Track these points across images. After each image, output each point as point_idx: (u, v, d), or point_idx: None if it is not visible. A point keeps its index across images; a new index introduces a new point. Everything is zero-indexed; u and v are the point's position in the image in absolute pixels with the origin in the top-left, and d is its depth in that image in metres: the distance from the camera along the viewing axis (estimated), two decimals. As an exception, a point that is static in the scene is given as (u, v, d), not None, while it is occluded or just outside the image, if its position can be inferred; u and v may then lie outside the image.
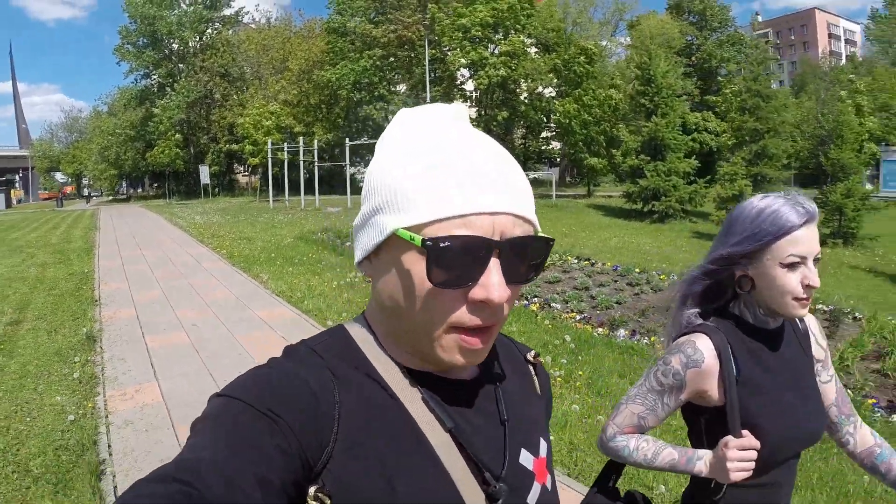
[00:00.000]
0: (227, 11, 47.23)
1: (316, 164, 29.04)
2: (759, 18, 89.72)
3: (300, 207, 27.42)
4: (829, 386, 1.50)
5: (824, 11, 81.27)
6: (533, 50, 36.92)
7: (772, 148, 23.72)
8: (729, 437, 1.29)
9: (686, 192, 23.21)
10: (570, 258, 10.88)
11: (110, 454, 4.06)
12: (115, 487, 3.62)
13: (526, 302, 7.91)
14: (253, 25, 52.82)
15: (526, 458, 0.81)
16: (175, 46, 45.67)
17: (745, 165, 23.24)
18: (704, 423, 1.41)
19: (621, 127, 28.75)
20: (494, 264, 0.65)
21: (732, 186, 18.68)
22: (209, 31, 46.24)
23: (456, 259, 0.64)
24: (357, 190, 35.48)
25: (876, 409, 4.57)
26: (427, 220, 0.65)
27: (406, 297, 0.69)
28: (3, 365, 5.98)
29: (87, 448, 4.13)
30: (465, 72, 36.79)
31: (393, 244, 0.69)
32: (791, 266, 1.28)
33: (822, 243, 1.32)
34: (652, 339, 6.34)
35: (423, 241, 0.64)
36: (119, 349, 6.42)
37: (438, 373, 0.76)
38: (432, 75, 36.26)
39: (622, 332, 6.66)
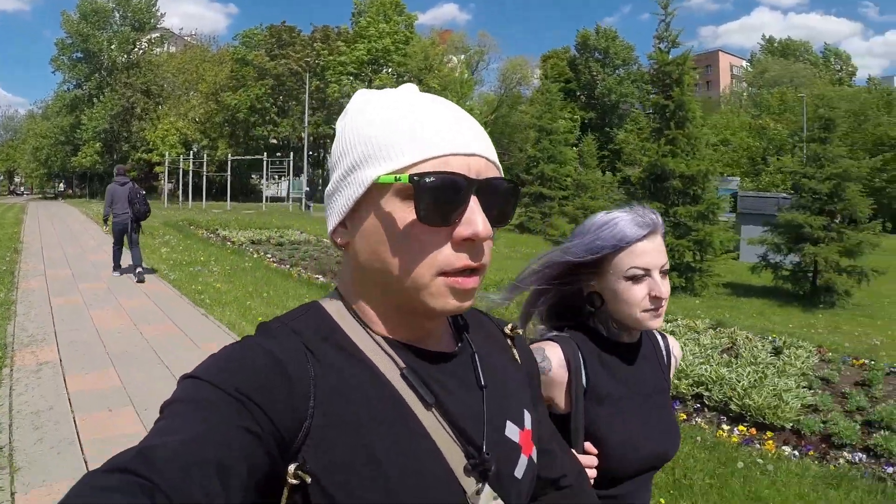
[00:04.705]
0: (153, 35, 53.50)
1: (204, 173, 37.02)
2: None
3: (188, 207, 35.27)
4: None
5: (727, 53, 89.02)
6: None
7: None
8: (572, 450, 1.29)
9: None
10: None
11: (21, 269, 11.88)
12: (19, 274, 11.36)
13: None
14: (188, 38, 59.37)
15: (512, 431, 0.80)
16: (105, 61, 51.28)
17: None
18: None
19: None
20: (475, 202, 0.67)
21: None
22: (136, 49, 52.37)
23: (440, 195, 0.66)
24: (238, 198, 42.06)
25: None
26: (409, 163, 0.67)
27: (392, 246, 0.69)
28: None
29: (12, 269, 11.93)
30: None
31: (373, 196, 0.70)
32: (635, 279, 1.27)
33: None
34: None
35: (411, 176, 0.66)
36: (29, 256, 14.24)
37: (418, 345, 0.76)
38: (315, 103, 44.33)
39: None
